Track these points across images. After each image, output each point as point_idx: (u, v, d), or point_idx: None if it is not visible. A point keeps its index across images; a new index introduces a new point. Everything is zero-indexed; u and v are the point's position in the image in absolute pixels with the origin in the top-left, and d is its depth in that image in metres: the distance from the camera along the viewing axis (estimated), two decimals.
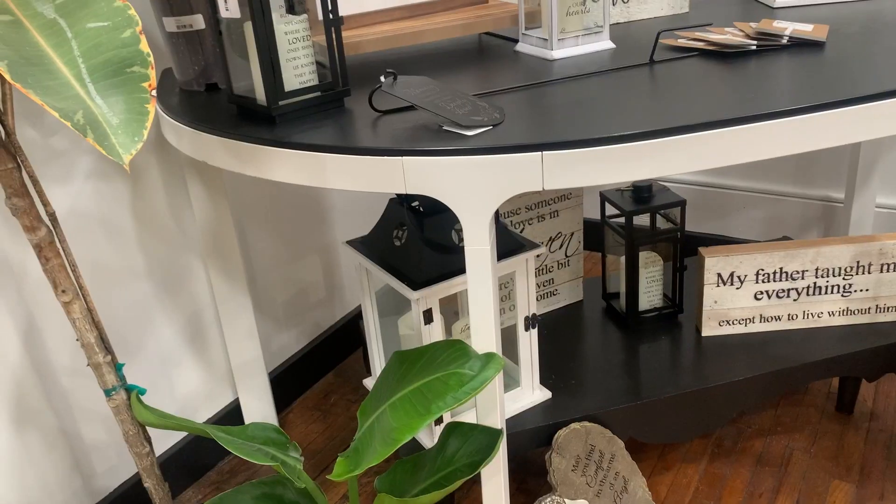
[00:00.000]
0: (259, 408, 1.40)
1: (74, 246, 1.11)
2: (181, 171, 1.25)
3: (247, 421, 1.42)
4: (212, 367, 1.40)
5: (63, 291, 0.78)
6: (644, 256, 1.33)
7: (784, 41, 0.98)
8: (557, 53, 1.05)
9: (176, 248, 1.29)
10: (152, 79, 0.53)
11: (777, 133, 0.77)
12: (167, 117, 0.97)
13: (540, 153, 0.74)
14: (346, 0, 1.11)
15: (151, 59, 0.54)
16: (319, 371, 1.65)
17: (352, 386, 1.62)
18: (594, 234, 1.82)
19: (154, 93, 0.53)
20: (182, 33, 1.02)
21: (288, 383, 1.56)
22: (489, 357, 0.80)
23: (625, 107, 0.83)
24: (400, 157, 0.76)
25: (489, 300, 0.80)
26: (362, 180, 0.78)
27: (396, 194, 1.09)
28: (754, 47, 0.97)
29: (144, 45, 0.54)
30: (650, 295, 1.36)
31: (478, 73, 1.04)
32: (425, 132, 0.80)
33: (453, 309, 1.17)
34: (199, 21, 1.00)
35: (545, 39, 1.06)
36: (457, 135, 0.78)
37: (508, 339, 1.14)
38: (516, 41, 1.13)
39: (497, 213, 0.87)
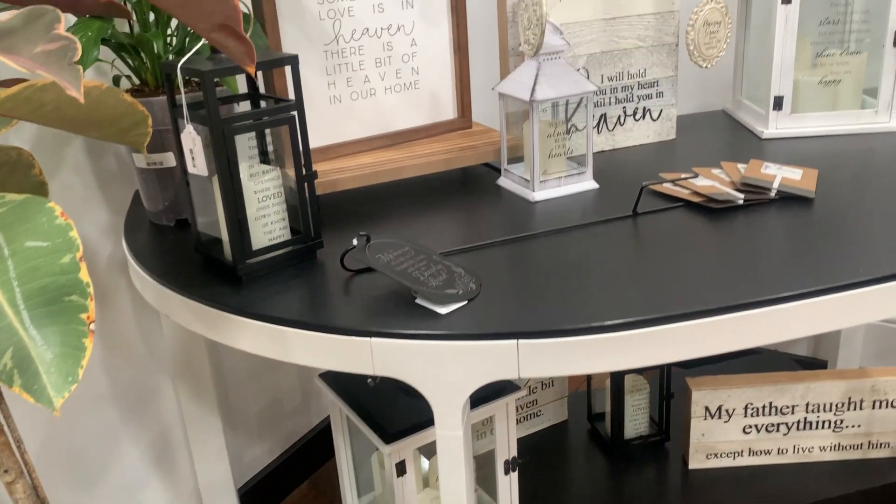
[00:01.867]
0: None
1: None
2: None
3: None
4: (179, 487, 1.34)
5: (6, 471, 0.73)
6: (630, 380, 1.29)
7: (772, 194, 0.96)
8: (539, 195, 1.02)
9: (144, 369, 1.24)
10: (91, 311, 0.50)
11: (769, 320, 0.73)
12: (132, 262, 0.93)
13: (515, 342, 0.70)
14: (326, 129, 1.09)
15: (91, 289, 0.50)
16: (294, 481, 1.58)
17: (328, 498, 1.56)
18: None
19: (93, 326, 0.50)
20: (153, 169, 0.98)
21: (261, 497, 1.49)
22: None
23: (608, 279, 0.80)
24: (368, 339, 0.72)
25: (462, 488, 0.75)
26: (329, 359, 0.74)
27: None
28: (741, 202, 0.94)
29: (84, 274, 0.50)
30: (636, 423, 1.31)
31: (458, 213, 1.01)
32: (397, 304, 0.77)
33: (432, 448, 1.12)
34: (169, 159, 0.97)
35: (527, 180, 1.03)
36: (430, 311, 0.75)
37: (488, 465, 1.08)
38: (499, 171, 1.11)
39: None
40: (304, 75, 1.05)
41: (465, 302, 0.76)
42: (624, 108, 1.21)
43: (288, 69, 0.83)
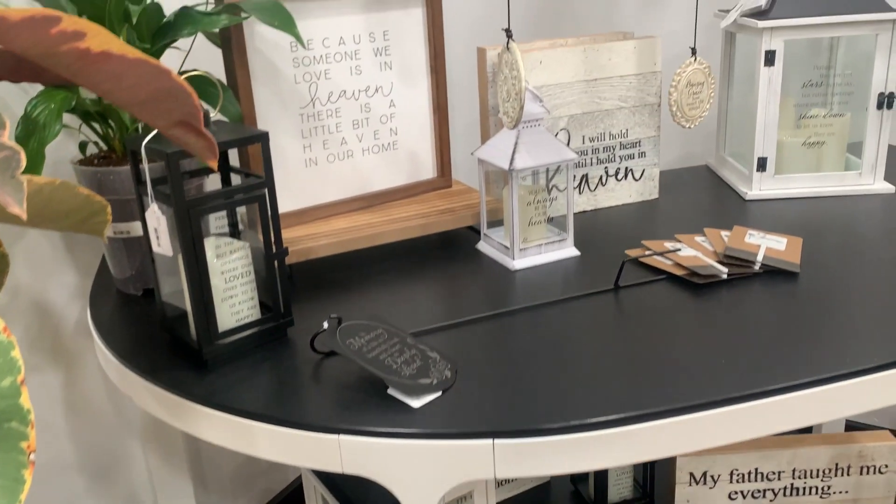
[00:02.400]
0: None
1: None
2: None
3: None
4: None
5: None
6: None
7: (756, 268, 0.94)
8: (519, 264, 1.00)
9: (112, 433, 1.20)
10: (32, 440, 0.46)
11: (752, 415, 0.71)
12: (97, 339, 0.90)
13: (491, 441, 0.67)
14: (301, 193, 1.06)
15: (32, 415, 0.47)
16: None
17: None
18: None
19: (33, 457, 0.46)
20: (120, 238, 0.95)
21: None
22: None
23: (589, 365, 0.77)
24: (336, 436, 0.69)
25: None
26: (296, 455, 0.71)
27: None
28: (725, 276, 0.92)
29: (25, 400, 0.47)
30: (620, 486, 1.28)
31: (436, 281, 0.98)
32: (368, 395, 0.73)
33: None
34: (136, 228, 0.94)
35: (507, 247, 1.01)
36: (402, 403, 0.72)
37: None
38: (479, 233, 1.08)
39: None
40: (278, 140, 1.02)
41: (440, 393, 0.73)
42: (606, 168, 1.19)
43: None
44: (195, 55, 1.02)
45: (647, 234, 1.09)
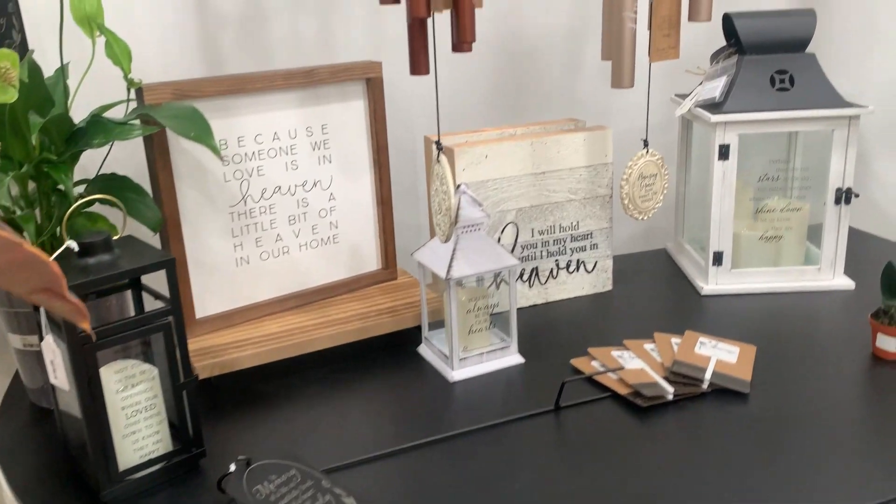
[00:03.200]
0: None
1: None
2: None
3: None
4: None
5: None
6: None
7: (704, 386, 0.89)
8: (458, 375, 0.94)
9: None
10: None
11: None
12: None
13: None
14: (232, 294, 1.00)
15: None
16: None
17: None
18: None
19: None
20: (31, 350, 0.89)
21: None
22: None
23: None
24: None
25: None
26: None
27: None
28: (671, 397, 0.87)
29: None
30: None
31: (371, 394, 0.93)
32: None
33: None
34: None
35: (447, 356, 0.96)
36: None
37: None
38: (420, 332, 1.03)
39: None
40: (206, 240, 0.97)
41: None
42: (556, 260, 1.14)
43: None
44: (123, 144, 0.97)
45: (597, 333, 1.04)
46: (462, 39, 0.84)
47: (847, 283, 1.14)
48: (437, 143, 0.89)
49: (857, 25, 1.41)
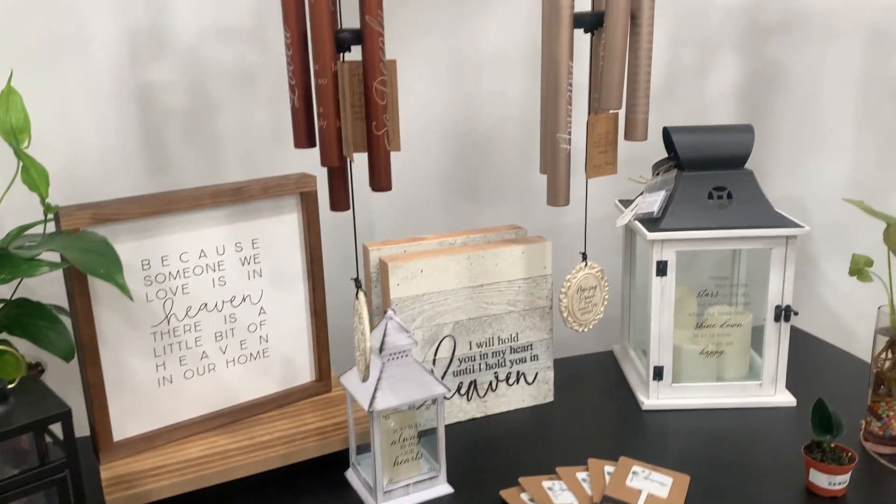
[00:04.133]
0: None
1: None
2: None
3: None
4: None
5: None
6: None
7: None
8: None
9: None
10: None
11: None
12: None
13: None
14: (154, 414, 0.97)
15: None
16: None
17: None
18: None
19: None
20: None
21: None
22: None
23: None
24: None
25: None
26: None
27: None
28: None
29: None
30: None
31: None
32: None
33: None
34: None
35: (371, 487, 0.93)
36: None
37: None
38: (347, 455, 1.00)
39: None
40: (126, 361, 0.94)
41: None
42: (496, 373, 1.12)
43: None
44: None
45: (533, 454, 1.02)
46: (377, 188, 0.82)
47: (788, 400, 1.12)
48: (356, 279, 0.87)
49: (800, 128, 1.42)
